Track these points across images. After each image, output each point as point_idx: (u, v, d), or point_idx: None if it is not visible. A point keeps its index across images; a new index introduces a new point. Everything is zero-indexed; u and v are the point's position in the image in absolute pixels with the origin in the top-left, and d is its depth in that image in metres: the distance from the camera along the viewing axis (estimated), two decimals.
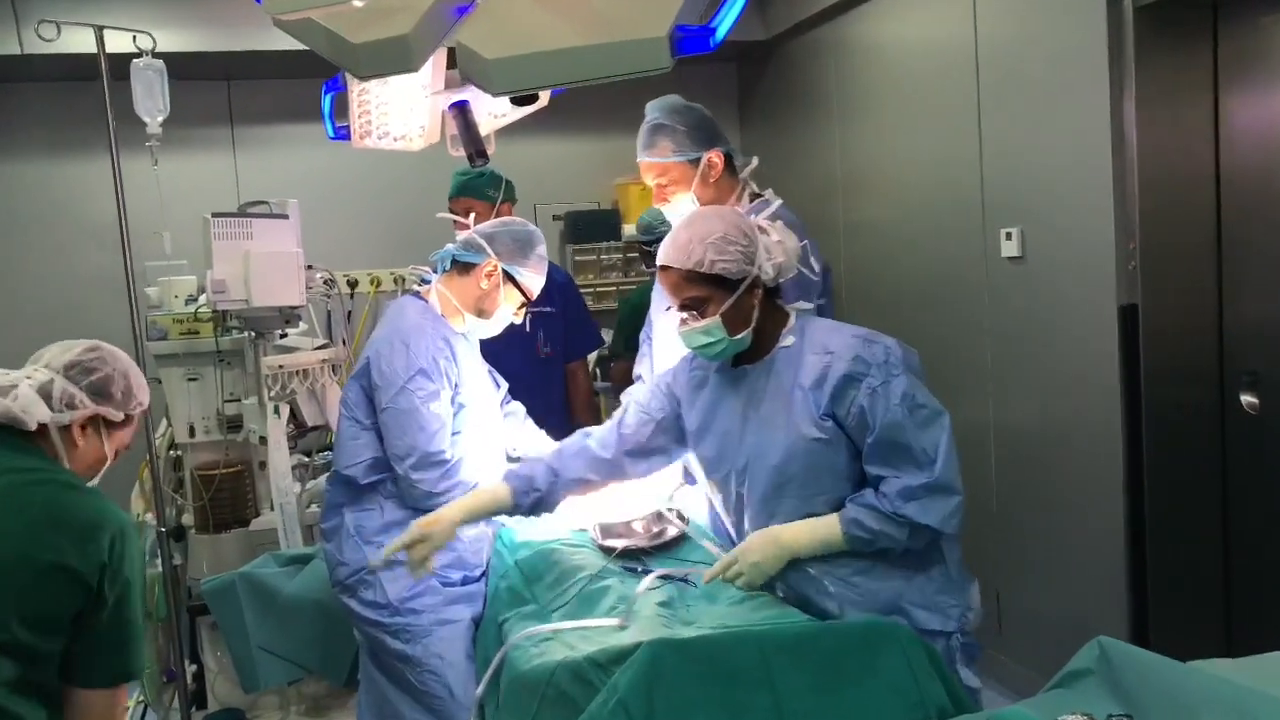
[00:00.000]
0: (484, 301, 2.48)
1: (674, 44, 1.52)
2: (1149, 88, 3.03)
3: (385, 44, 1.53)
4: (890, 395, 1.88)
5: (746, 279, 1.95)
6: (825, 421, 1.92)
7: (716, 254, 1.93)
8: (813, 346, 1.97)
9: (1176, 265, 3.10)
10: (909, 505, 1.87)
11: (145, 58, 2.87)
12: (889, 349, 1.92)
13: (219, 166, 4.98)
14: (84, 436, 1.92)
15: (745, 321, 1.98)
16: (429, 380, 2.33)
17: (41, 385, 1.87)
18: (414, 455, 2.29)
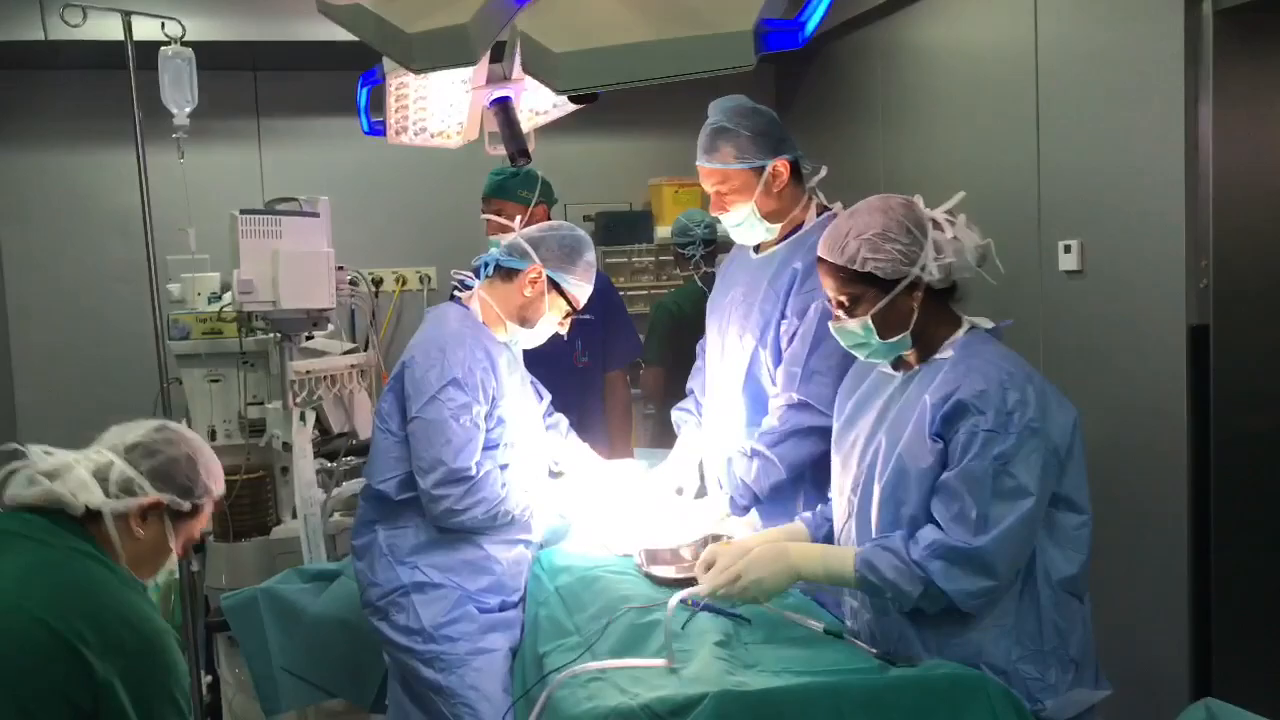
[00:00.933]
0: (527, 310, 2.35)
1: (759, 39, 1.38)
2: (1227, 96, 2.87)
3: (442, 34, 1.40)
4: (990, 445, 1.70)
5: (904, 280, 1.79)
6: (935, 443, 1.75)
7: (871, 251, 1.79)
8: (964, 365, 1.78)
9: (1250, 285, 2.94)
10: (934, 563, 1.70)
11: (174, 46, 2.75)
12: (1025, 404, 1.72)
13: (243, 160, 4.87)
14: (143, 527, 1.71)
15: (901, 325, 1.82)
16: (461, 392, 2.20)
17: (99, 468, 1.69)
18: (438, 470, 2.17)
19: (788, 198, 2.40)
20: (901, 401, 1.86)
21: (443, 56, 1.42)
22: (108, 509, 1.66)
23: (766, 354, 2.37)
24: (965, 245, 1.82)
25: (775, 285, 2.37)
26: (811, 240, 2.38)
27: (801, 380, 2.28)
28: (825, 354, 2.27)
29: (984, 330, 1.87)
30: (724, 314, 2.52)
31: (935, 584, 1.69)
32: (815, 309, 2.29)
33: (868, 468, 1.88)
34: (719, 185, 2.39)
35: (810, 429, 2.26)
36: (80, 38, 2.99)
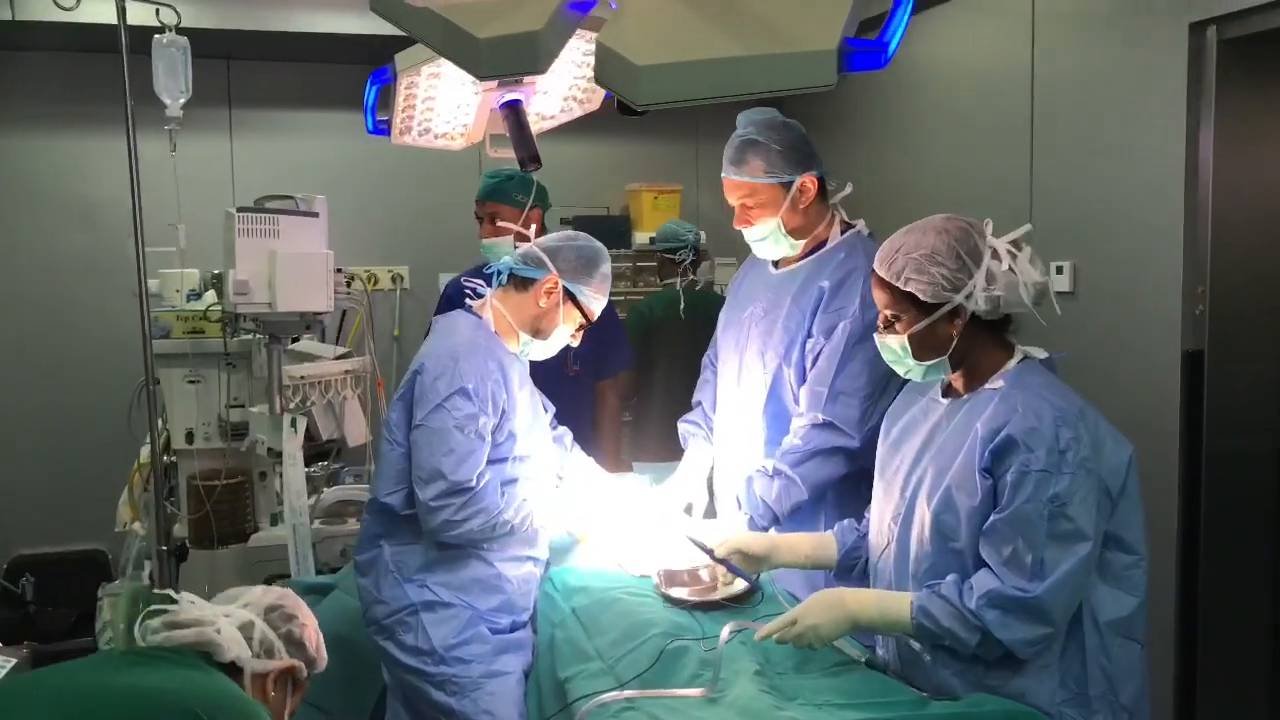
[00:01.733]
0: (542, 320, 2.29)
1: (842, 59, 1.34)
2: (1228, 124, 2.90)
3: (513, 41, 1.34)
4: (1044, 486, 1.64)
5: (945, 305, 1.75)
6: (984, 479, 1.70)
7: (915, 272, 1.75)
8: (1009, 398, 1.73)
9: (1245, 311, 2.97)
10: (990, 613, 1.65)
11: (169, 33, 2.63)
12: (1078, 442, 1.66)
13: (214, 151, 4.72)
14: (275, 689, 1.71)
15: (937, 349, 1.79)
16: (469, 402, 2.12)
17: (243, 625, 1.69)
18: (437, 482, 2.09)
19: (813, 214, 2.37)
20: (949, 430, 1.81)
21: (512, 64, 1.36)
22: (250, 667, 1.67)
23: (791, 372, 2.33)
24: (1023, 279, 1.75)
25: (800, 302, 2.34)
26: (838, 258, 2.35)
27: (827, 400, 2.24)
28: (852, 374, 2.25)
29: (1037, 361, 1.83)
30: (742, 330, 2.48)
31: (993, 634, 1.65)
32: (842, 329, 2.26)
33: (910, 496, 1.84)
34: (745, 198, 2.35)
35: (834, 449, 2.23)
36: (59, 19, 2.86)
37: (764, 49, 1.32)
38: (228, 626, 1.67)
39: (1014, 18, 3.52)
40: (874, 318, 2.22)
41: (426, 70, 2.38)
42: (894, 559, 1.86)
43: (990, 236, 1.80)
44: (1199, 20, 2.87)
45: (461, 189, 4.93)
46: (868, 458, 2.22)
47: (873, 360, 2.23)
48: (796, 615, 1.79)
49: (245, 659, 1.66)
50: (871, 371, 2.24)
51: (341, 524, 3.23)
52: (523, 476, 2.23)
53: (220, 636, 1.64)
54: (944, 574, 1.75)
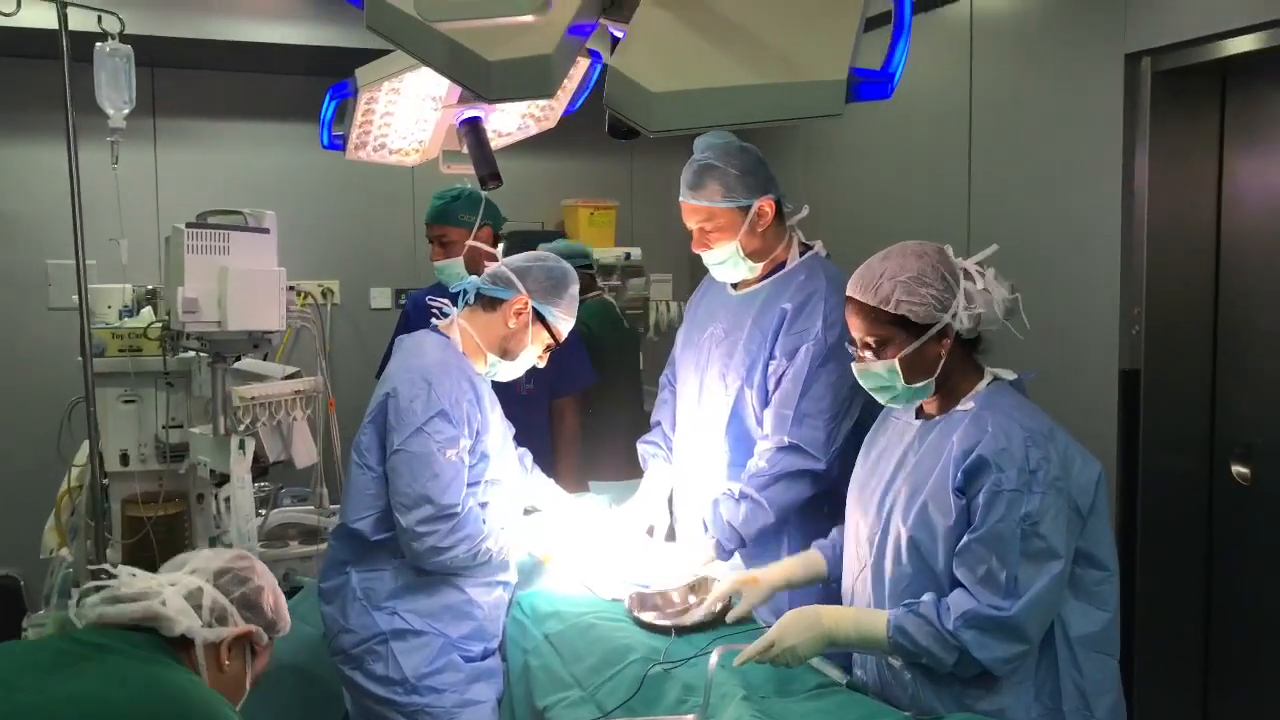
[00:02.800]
0: (510, 341, 2.26)
1: (850, 89, 1.36)
2: (1162, 151, 3.01)
3: (524, 64, 1.31)
4: (1015, 505, 1.68)
5: (936, 325, 1.78)
6: (958, 499, 1.74)
7: (905, 294, 1.77)
8: (980, 419, 1.77)
9: (1177, 331, 3.08)
10: (968, 633, 1.68)
11: (111, 41, 2.53)
12: (1048, 462, 1.70)
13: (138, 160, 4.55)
14: (230, 658, 1.63)
15: (927, 371, 1.81)
16: (449, 424, 2.09)
17: (190, 593, 1.61)
18: (423, 507, 2.05)
19: (771, 236, 2.39)
20: (921, 451, 1.85)
21: (523, 88, 1.34)
22: (201, 637, 1.59)
23: (753, 394, 2.34)
24: (994, 297, 1.82)
25: (761, 324, 2.35)
26: (799, 279, 2.37)
27: (793, 423, 2.26)
28: (816, 396, 2.26)
29: (1007, 382, 1.87)
30: (702, 351, 2.48)
31: (970, 654, 1.68)
32: (805, 351, 2.28)
33: (885, 517, 1.86)
34: (704, 223, 2.36)
35: (801, 472, 2.25)
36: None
37: (775, 78, 1.32)
38: (174, 596, 1.59)
39: (952, 42, 3.60)
40: (836, 339, 2.25)
41: (387, 86, 2.34)
42: (871, 580, 1.88)
43: (957, 258, 1.87)
44: (1134, 51, 2.98)
45: (394, 200, 4.89)
46: (832, 479, 2.25)
47: (836, 382, 2.26)
48: (774, 637, 1.79)
49: (195, 629, 1.58)
50: (835, 393, 2.26)
51: (284, 547, 3.14)
52: (494, 500, 2.19)
53: (166, 609, 1.56)
54: (920, 594, 1.78)
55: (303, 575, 3.05)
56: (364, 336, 4.91)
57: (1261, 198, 2.98)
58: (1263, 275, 2.97)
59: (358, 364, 4.73)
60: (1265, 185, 2.97)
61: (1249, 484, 3.02)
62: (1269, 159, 2.97)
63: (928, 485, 1.79)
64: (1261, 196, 2.98)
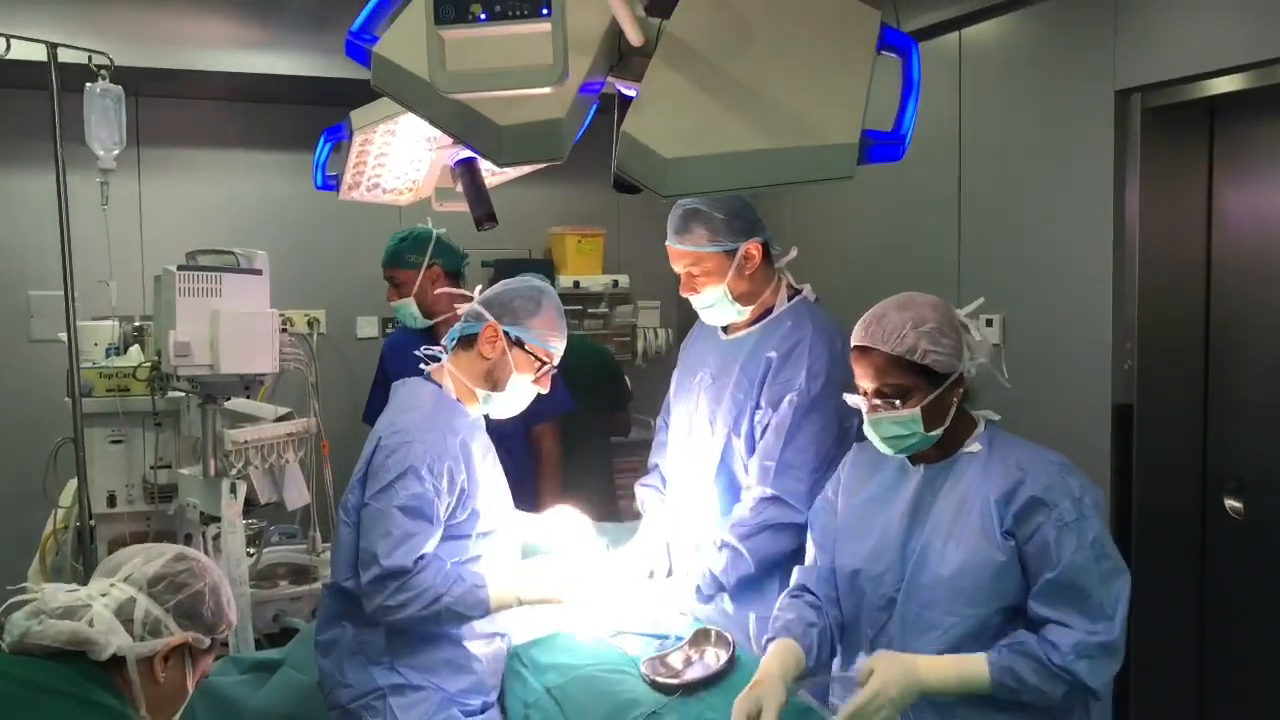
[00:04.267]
0: (495, 372, 2.21)
1: (862, 151, 1.35)
2: (1153, 186, 3.03)
3: (535, 128, 1.30)
4: (1082, 535, 1.75)
5: (953, 374, 1.84)
6: (1007, 540, 1.79)
7: (931, 344, 1.81)
8: (1003, 459, 1.84)
9: (1169, 365, 3.09)
10: (1081, 663, 1.72)
11: (102, 81, 2.50)
12: (1085, 486, 1.80)
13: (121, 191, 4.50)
14: (165, 669, 1.55)
15: (942, 418, 1.85)
16: (418, 482, 2.03)
17: (120, 605, 1.52)
18: (372, 566, 2.00)
19: (759, 280, 2.38)
20: (940, 498, 1.88)
21: (534, 152, 1.32)
22: (133, 653, 1.50)
23: (740, 443, 2.34)
24: (986, 348, 1.91)
25: (748, 371, 2.34)
26: (785, 326, 2.36)
27: (775, 474, 2.25)
28: (799, 448, 2.25)
29: (995, 422, 1.95)
30: (693, 396, 2.47)
31: (1084, 684, 1.72)
32: (789, 401, 2.26)
33: (913, 568, 1.87)
34: (690, 267, 2.35)
35: (783, 525, 2.24)
36: None
37: (787, 142, 1.32)
38: (103, 611, 1.49)
39: (941, 77, 3.62)
40: (820, 389, 2.25)
41: (383, 128, 2.32)
42: (902, 631, 1.88)
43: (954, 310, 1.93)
44: (1124, 88, 3.00)
45: (381, 228, 4.80)
46: None
47: (819, 433, 2.25)
48: (876, 691, 1.73)
49: (125, 647, 1.49)
50: (819, 444, 2.26)
51: (274, 587, 3.10)
52: (486, 553, 2.16)
53: (94, 630, 1.46)
54: (979, 635, 1.80)
55: (293, 616, 3.01)
56: (350, 366, 4.87)
57: (1251, 233, 3.00)
58: (1254, 310, 2.99)
59: (343, 394, 4.69)
60: (1255, 221, 2.99)
61: (1242, 518, 3.03)
62: (1258, 195, 2.99)
63: (963, 531, 1.83)
64: (1251, 232, 3.00)
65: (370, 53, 1.40)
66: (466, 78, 1.12)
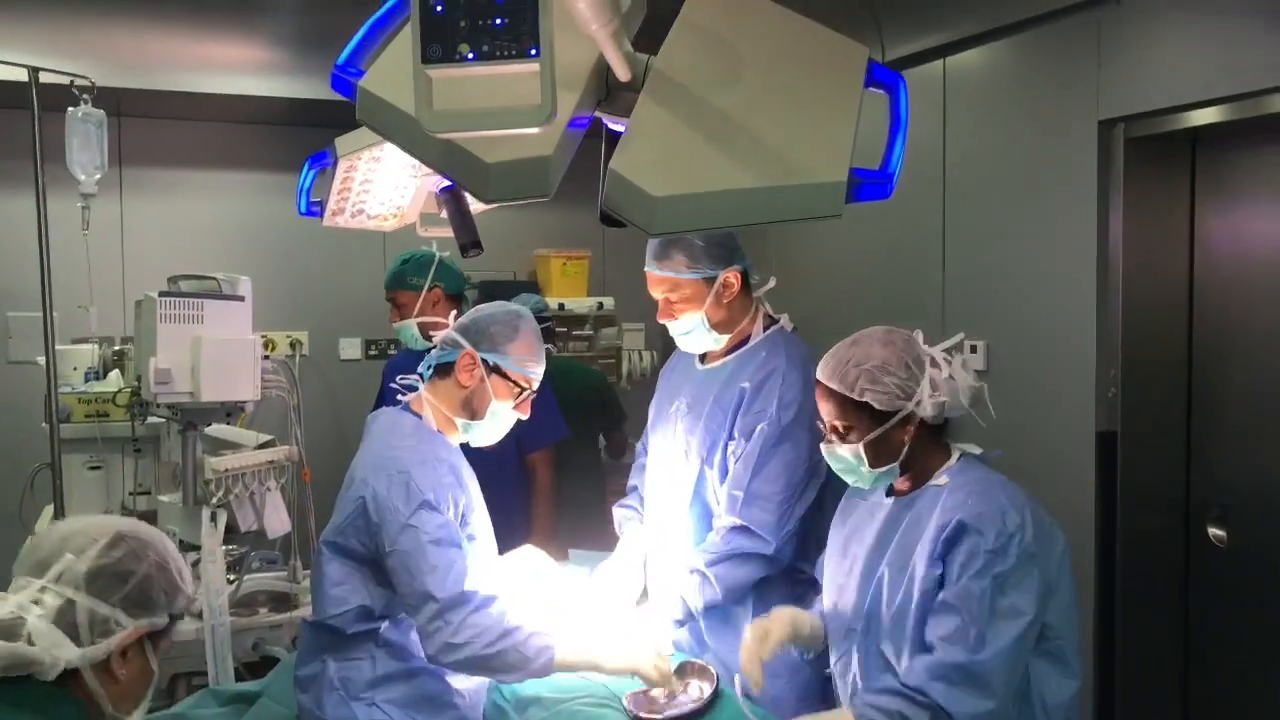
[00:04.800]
0: (473, 400, 2.17)
1: (850, 189, 1.35)
2: (1136, 214, 3.05)
3: (523, 166, 1.29)
4: (989, 566, 1.71)
5: (899, 413, 1.82)
6: (936, 568, 1.77)
7: (869, 383, 1.82)
8: (959, 491, 1.81)
9: (1153, 393, 3.11)
10: (935, 685, 1.68)
11: (84, 105, 2.47)
12: (1024, 528, 1.73)
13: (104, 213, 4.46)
14: (125, 664, 1.42)
15: (891, 455, 1.85)
16: (435, 513, 1.99)
17: (58, 613, 1.37)
18: (427, 605, 1.94)
19: (737, 308, 2.37)
20: (901, 530, 1.86)
21: (521, 189, 1.31)
22: (86, 662, 1.37)
23: (713, 474, 2.33)
24: (960, 385, 1.85)
25: (722, 402, 2.33)
26: (760, 356, 2.35)
27: (743, 504, 2.24)
28: (768, 478, 2.24)
29: (975, 457, 1.92)
30: (669, 424, 2.46)
31: (940, 706, 1.67)
32: (760, 432, 2.25)
33: (870, 600, 1.87)
34: (669, 293, 2.35)
35: (749, 555, 2.23)
36: None
37: (775, 180, 1.31)
38: (39, 623, 1.34)
39: (925, 107, 3.63)
40: (791, 420, 2.25)
41: (368, 155, 2.31)
42: (861, 666, 1.88)
43: (926, 346, 1.90)
44: (1108, 119, 3.02)
45: (364, 249, 4.83)
46: (785, 560, 2.26)
47: (790, 463, 2.25)
48: None
49: (76, 658, 1.35)
50: (789, 475, 2.25)
51: (254, 615, 3.06)
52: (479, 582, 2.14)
53: (36, 649, 1.31)
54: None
55: (273, 645, 2.97)
56: (333, 387, 4.85)
57: (1233, 263, 3.02)
58: (1237, 339, 3.01)
59: (326, 416, 4.67)
60: (1237, 250, 3.01)
61: (1225, 545, 3.04)
62: (1240, 224, 3.01)
63: (912, 561, 1.81)
64: (1233, 261, 3.02)
65: (356, 86, 1.39)
66: (454, 117, 1.11)
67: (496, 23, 1.06)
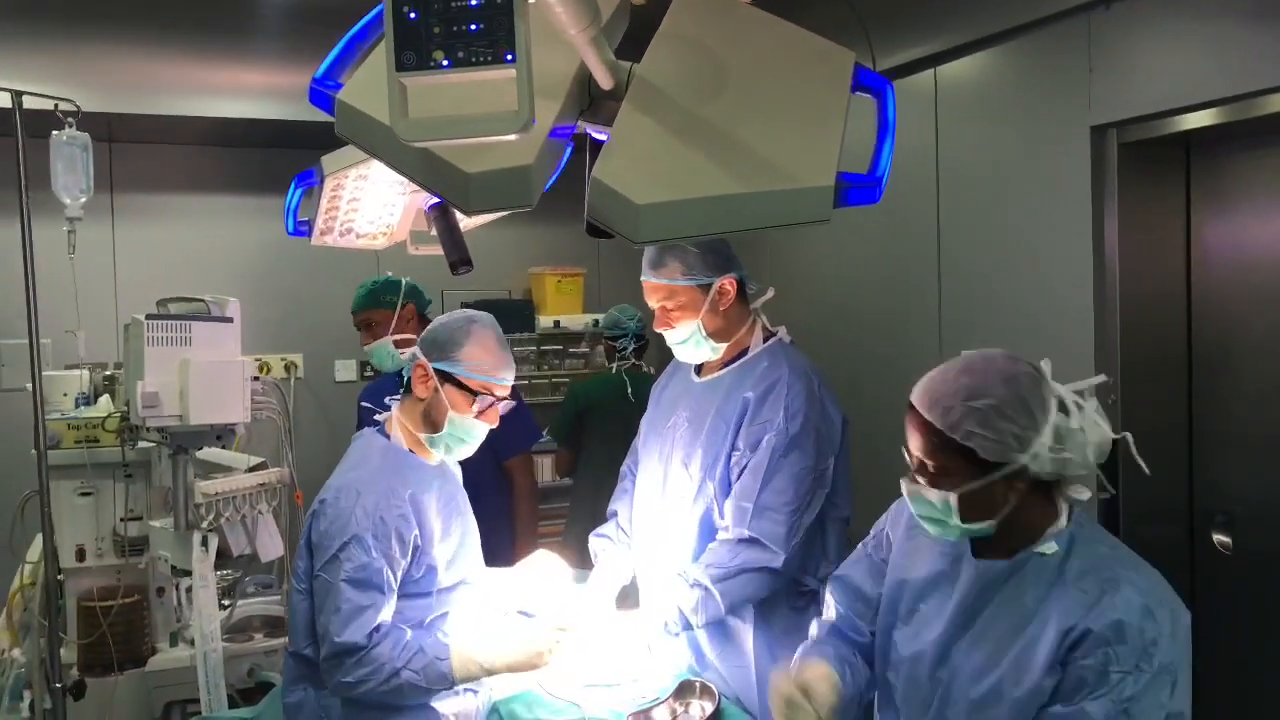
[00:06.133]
0: (432, 413, 2.12)
1: (838, 194, 1.33)
2: (1131, 221, 3.02)
3: (504, 175, 1.27)
4: (1120, 688, 1.42)
5: (1008, 466, 1.51)
6: (1055, 674, 1.48)
7: (978, 425, 1.49)
8: (1082, 573, 1.51)
9: (1153, 399, 3.07)
10: None
11: (69, 129, 2.46)
12: (1163, 637, 1.46)
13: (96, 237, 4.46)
14: None
15: (989, 511, 1.53)
16: (362, 551, 1.95)
17: None
18: (327, 642, 1.95)
19: (734, 317, 2.35)
20: (996, 605, 1.57)
21: (503, 200, 1.29)
22: None
23: (715, 487, 2.29)
24: (1089, 439, 1.55)
25: (724, 413, 2.30)
26: (761, 366, 2.32)
27: (753, 516, 2.21)
28: (777, 489, 2.21)
29: (1087, 514, 1.63)
30: (666, 439, 2.42)
31: None
32: (767, 442, 2.22)
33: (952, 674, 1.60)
34: (664, 301, 2.33)
35: (759, 569, 2.20)
36: None
37: (761, 186, 1.29)
38: None
39: (918, 115, 3.62)
40: (799, 429, 2.21)
41: (355, 173, 2.29)
42: None
43: (1055, 383, 1.58)
44: (1100, 124, 3.00)
45: (358, 270, 4.79)
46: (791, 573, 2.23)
47: (799, 474, 2.22)
48: None
49: None
50: (798, 486, 2.22)
51: (248, 640, 3.03)
52: (456, 608, 2.10)
53: None
54: None
55: (268, 670, 2.94)
56: (328, 409, 4.83)
57: (1231, 266, 2.99)
58: (1237, 342, 2.98)
59: (321, 438, 4.64)
60: (1234, 254, 2.99)
61: (1231, 552, 3.00)
62: (1237, 227, 2.99)
63: (1009, 653, 1.53)
64: (1231, 265, 2.99)
65: (334, 100, 1.37)
66: (429, 125, 1.09)
67: (471, 28, 1.04)
